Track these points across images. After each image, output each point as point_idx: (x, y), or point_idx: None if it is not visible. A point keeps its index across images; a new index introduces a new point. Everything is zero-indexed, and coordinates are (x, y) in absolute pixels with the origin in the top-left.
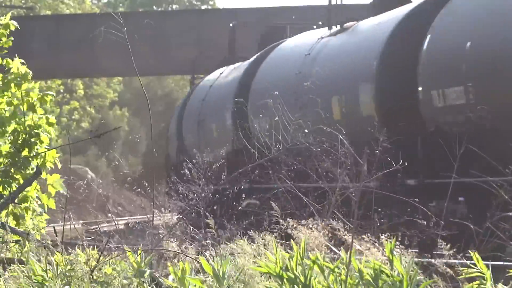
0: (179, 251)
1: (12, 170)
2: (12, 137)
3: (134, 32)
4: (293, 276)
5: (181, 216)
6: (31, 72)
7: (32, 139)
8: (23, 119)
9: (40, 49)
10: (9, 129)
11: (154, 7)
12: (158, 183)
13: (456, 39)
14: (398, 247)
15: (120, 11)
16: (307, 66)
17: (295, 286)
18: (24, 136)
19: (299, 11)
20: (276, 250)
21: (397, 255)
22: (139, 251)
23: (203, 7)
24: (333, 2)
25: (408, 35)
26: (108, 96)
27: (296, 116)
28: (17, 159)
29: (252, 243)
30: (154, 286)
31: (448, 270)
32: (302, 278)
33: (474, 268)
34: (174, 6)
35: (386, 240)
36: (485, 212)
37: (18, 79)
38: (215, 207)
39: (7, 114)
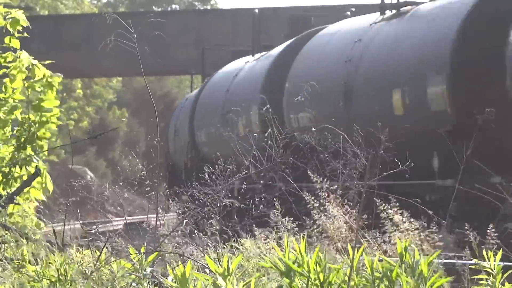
0: (183, 254)
1: (13, 170)
2: (15, 135)
3: (134, 32)
4: (307, 271)
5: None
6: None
7: (36, 137)
8: (26, 116)
9: (39, 49)
10: (12, 117)
11: (153, 7)
12: (159, 183)
13: None
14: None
15: (120, 11)
16: (358, 53)
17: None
18: (27, 133)
19: (301, 11)
20: (287, 245)
21: (411, 253)
22: (141, 251)
23: (203, 7)
24: None
25: (489, 16)
26: (107, 98)
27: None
28: (17, 158)
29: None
30: (154, 287)
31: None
32: (321, 275)
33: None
34: (174, 6)
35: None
36: None
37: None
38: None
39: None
